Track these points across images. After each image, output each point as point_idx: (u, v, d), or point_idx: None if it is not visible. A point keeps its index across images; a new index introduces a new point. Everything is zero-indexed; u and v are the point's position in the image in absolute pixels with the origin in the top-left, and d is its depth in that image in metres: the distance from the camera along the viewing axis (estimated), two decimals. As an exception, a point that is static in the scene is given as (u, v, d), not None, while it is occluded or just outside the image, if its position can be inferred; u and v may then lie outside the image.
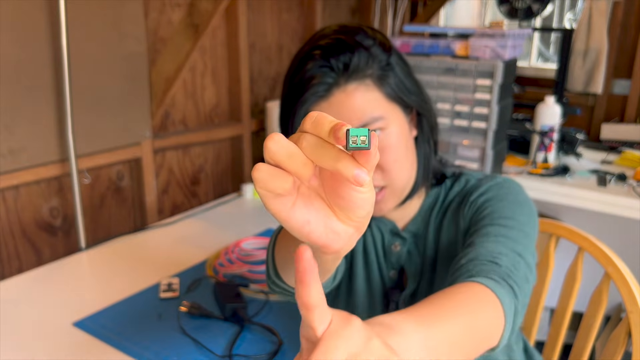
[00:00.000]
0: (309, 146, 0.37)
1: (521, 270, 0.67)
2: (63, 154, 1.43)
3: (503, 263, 0.66)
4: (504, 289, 0.61)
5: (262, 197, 0.39)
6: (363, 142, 0.35)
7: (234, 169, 2.02)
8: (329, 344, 0.35)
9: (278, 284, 0.66)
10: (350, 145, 0.35)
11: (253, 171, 0.38)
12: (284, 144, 0.37)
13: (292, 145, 0.38)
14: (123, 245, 1.45)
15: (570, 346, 1.14)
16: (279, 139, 0.37)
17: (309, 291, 0.35)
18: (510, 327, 0.59)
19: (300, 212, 0.41)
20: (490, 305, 0.58)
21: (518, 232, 0.73)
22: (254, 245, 1.39)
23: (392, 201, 0.81)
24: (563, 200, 1.71)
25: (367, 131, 0.35)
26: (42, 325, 1.07)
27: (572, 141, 1.93)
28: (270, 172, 0.38)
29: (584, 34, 2.38)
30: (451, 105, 1.67)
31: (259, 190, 0.38)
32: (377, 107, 0.75)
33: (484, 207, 0.79)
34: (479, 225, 0.76)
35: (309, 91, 0.73)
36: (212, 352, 0.98)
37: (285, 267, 0.60)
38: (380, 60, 0.76)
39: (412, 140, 0.82)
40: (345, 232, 0.42)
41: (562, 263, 1.21)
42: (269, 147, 0.37)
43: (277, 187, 0.38)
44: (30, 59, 1.33)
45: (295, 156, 0.37)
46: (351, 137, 0.35)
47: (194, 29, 1.70)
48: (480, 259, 0.67)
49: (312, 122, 0.38)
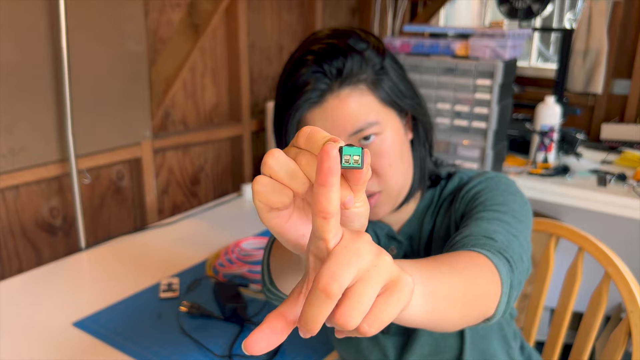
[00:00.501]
0: (307, 165, 0.37)
1: (516, 249, 0.67)
2: (63, 154, 1.43)
3: (498, 239, 0.66)
4: (500, 261, 0.61)
5: (259, 210, 0.39)
6: (356, 161, 0.35)
7: (234, 169, 2.02)
8: (341, 258, 0.34)
9: (273, 291, 0.65)
10: (344, 164, 0.35)
11: (254, 184, 0.38)
12: (283, 161, 0.37)
13: (291, 162, 0.38)
14: (123, 245, 1.45)
15: (570, 346, 1.14)
16: (278, 156, 0.37)
17: (330, 195, 0.34)
18: (506, 298, 0.59)
19: (295, 225, 0.40)
20: (488, 271, 0.58)
21: (511, 217, 0.73)
22: (254, 245, 1.39)
23: (388, 206, 0.80)
24: (563, 200, 1.71)
25: (361, 150, 0.35)
26: (42, 325, 1.07)
27: (572, 141, 1.93)
28: (271, 185, 0.38)
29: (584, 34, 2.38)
30: (451, 105, 1.67)
31: (258, 203, 0.38)
32: (371, 112, 0.74)
33: (475, 198, 0.79)
34: (472, 213, 0.76)
35: (302, 98, 0.73)
36: (212, 352, 0.98)
37: (280, 276, 0.60)
38: (374, 65, 0.75)
39: (407, 143, 0.81)
40: None
41: (562, 263, 1.22)
42: (268, 164, 0.37)
43: (276, 202, 0.38)
44: (30, 60, 1.33)
45: (294, 174, 0.38)
46: (344, 156, 0.35)
47: (194, 29, 1.70)
48: (475, 235, 0.67)
49: (305, 138, 0.38)
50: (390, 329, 0.87)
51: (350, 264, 0.34)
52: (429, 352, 0.85)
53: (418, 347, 0.85)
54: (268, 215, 0.39)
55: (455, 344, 0.84)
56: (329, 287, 0.33)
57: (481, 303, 0.56)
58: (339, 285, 0.33)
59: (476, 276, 0.56)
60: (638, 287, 0.99)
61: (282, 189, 0.38)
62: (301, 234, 0.41)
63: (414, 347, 0.85)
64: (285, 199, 0.38)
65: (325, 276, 0.33)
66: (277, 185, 0.38)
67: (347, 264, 0.34)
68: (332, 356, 1.00)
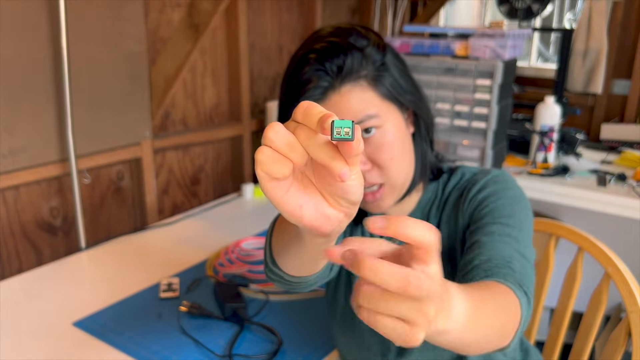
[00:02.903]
0: (304, 138, 0.40)
1: (529, 275, 0.69)
2: (63, 154, 1.43)
3: (516, 268, 0.68)
4: (522, 295, 0.63)
5: (261, 180, 0.41)
6: (347, 133, 0.37)
7: (234, 169, 2.02)
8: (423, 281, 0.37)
9: (274, 270, 0.66)
10: (335, 136, 0.37)
11: (257, 153, 0.40)
12: (283, 134, 0.40)
13: (290, 135, 0.40)
14: (123, 245, 1.45)
15: (570, 346, 1.14)
16: (278, 129, 0.40)
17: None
18: (521, 331, 0.61)
19: (294, 196, 0.43)
20: (515, 309, 0.61)
21: (519, 231, 0.75)
22: (254, 245, 1.39)
23: (391, 198, 0.82)
24: (563, 200, 1.71)
25: (351, 123, 0.37)
26: (42, 325, 1.07)
27: (572, 141, 1.93)
28: (273, 156, 0.40)
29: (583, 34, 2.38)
30: (451, 105, 1.67)
31: (260, 172, 0.40)
32: (371, 106, 0.76)
33: (484, 205, 0.80)
34: (481, 223, 0.77)
35: (305, 95, 0.75)
36: (212, 352, 0.98)
37: (281, 253, 0.61)
38: (374, 61, 0.77)
39: (409, 137, 0.83)
40: (336, 216, 0.44)
41: (562, 263, 1.22)
42: (269, 137, 0.40)
43: (277, 172, 0.40)
44: (30, 59, 1.33)
45: (293, 146, 0.40)
46: (335, 129, 0.37)
47: (194, 29, 1.70)
48: (494, 262, 0.69)
49: (302, 112, 0.40)
50: None
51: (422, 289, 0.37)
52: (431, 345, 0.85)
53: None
54: (269, 184, 0.41)
55: None
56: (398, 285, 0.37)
57: (503, 338, 0.58)
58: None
59: (507, 310, 0.59)
60: (638, 287, 0.99)
61: (283, 160, 0.40)
62: (299, 204, 0.43)
63: None
64: (285, 170, 0.40)
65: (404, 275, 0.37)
66: (278, 156, 0.40)
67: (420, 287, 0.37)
68: (332, 356, 1.01)
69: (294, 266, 0.61)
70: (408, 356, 0.87)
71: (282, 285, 0.69)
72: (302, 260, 0.58)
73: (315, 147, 0.40)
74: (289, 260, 0.60)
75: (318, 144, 0.40)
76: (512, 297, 0.61)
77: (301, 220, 0.43)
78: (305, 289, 0.69)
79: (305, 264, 0.59)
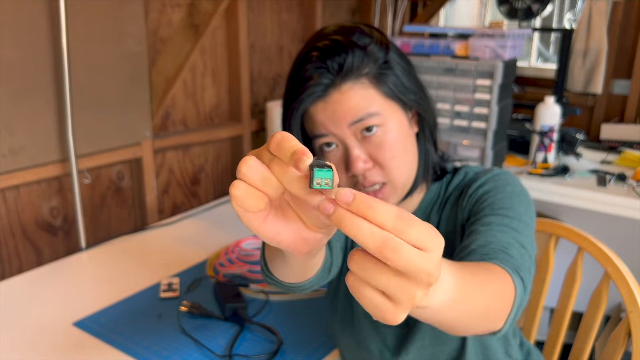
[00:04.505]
0: (279, 172, 0.40)
1: (527, 264, 0.68)
2: (63, 154, 1.43)
3: (513, 254, 0.68)
4: (517, 279, 0.63)
5: (237, 213, 0.41)
6: (327, 184, 0.37)
7: (234, 169, 2.01)
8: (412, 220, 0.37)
9: (269, 276, 0.67)
10: (314, 186, 0.37)
11: (231, 188, 0.40)
12: (256, 168, 0.40)
13: (264, 169, 0.40)
14: (123, 245, 1.45)
15: (570, 346, 1.14)
16: (252, 163, 0.40)
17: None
18: (513, 315, 0.61)
19: (272, 224, 0.43)
20: (508, 289, 0.60)
21: (519, 222, 0.75)
22: (254, 245, 1.39)
23: (393, 198, 0.81)
24: (563, 200, 1.71)
25: (331, 174, 0.37)
26: (42, 325, 1.07)
27: (572, 141, 1.93)
28: (248, 190, 0.40)
29: (583, 34, 2.38)
30: (451, 105, 1.67)
31: (235, 207, 0.40)
32: (372, 104, 0.76)
33: (483, 199, 0.80)
34: (480, 215, 0.77)
35: (306, 91, 0.75)
36: (212, 352, 0.98)
37: (273, 263, 0.62)
38: (377, 59, 0.77)
39: (412, 137, 0.82)
40: (314, 238, 0.44)
41: (562, 263, 1.22)
42: (242, 171, 0.40)
43: (252, 206, 0.40)
44: (30, 59, 1.33)
45: (267, 180, 0.40)
46: (315, 179, 0.37)
47: (194, 29, 1.70)
48: (492, 247, 0.69)
49: (275, 144, 0.39)
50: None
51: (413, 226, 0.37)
52: (430, 343, 0.85)
53: (419, 337, 0.85)
54: (246, 216, 0.41)
55: (457, 337, 0.85)
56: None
57: (495, 318, 0.58)
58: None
59: (500, 294, 0.59)
60: (638, 287, 0.99)
61: (257, 195, 0.40)
62: (277, 231, 0.43)
63: (414, 337, 0.85)
64: (259, 204, 0.40)
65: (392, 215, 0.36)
66: (252, 191, 0.40)
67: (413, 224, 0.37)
68: (332, 356, 1.01)
69: (286, 275, 0.62)
70: (405, 355, 0.87)
71: (280, 288, 0.69)
72: (292, 270, 0.59)
73: (290, 181, 0.39)
74: (281, 269, 0.61)
75: (293, 178, 0.39)
76: (506, 279, 0.61)
77: (279, 245, 0.44)
78: (305, 291, 0.69)
79: (295, 274, 0.60)
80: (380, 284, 0.37)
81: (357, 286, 0.38)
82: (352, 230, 0.36)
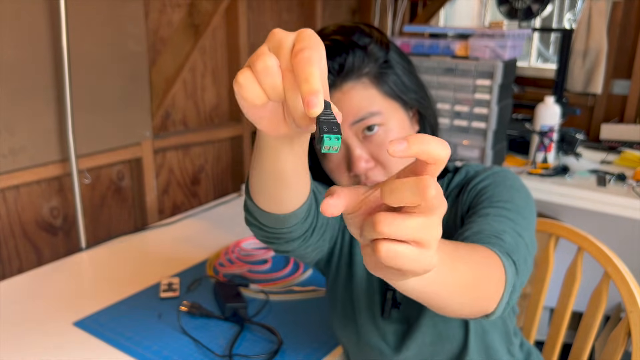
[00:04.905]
0: (289, 90, 0.40)
1: (522, 251, 0.68)
2: (63, 154, 1.43)
3: (507, 240, 0.67)
4: (508, 262, 0.62)
5: (236, 94, 0.41)
6: (335, 149, 0.39)
7: (234, 169, 2.02)
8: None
9: (251, 210, 0.64)
10: (324, 150, 0.38)
11: (239, 74, 0.40)
12: (270, 75, 0.40)
13: (277, 78, 0.40)
14: (123, 245, 1.45)
15: (569, 346, 1.14)
16: (269, 65, 0.39)
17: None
18: (507, 298, 0.60)
19: (260, 110, 0.43)
20: (497, 269, 0.60)
21: (516, 214, 0.75)
22: (254, 245, 1.40)
23: None
24: (563, 200, 1.71)
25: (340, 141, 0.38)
26: (42, 325, 1.07)
27: (572, 141, 1.93)
28: (253, 87, 0.40)
29: (583, 34, 2.38)
30: (451, 106, 1.67)
31: (235, 90, 0.41)
32: (373, 104, 0.76)
33: (482, 193, 0.80)
34: (477, 208, 0.77)
35: None
36: (212, 352, 0.98)
37: (256, 182, 0.59)
38: (377, 59, 0.77)
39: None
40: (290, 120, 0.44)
41: (562, 263, 1.22)
42: (257, 69, 0.40)
43: (252, 99, 0.40)
44: (30, 59, 1.33)
45: (275, 89, 0.40)
46: (325, 145, 0.38)
47: (194, 29, 1.70)
48: (485, 234, 0.68)
49: (296, 59, 0.39)
50: (392, 314, 0.87)
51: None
52: (431, 342, 0.85)
53: (419, 334, 0.85)
54: (240, 102, 0.42)
55: (458, 335, 0.84)
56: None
57: (485, 297, 0.57)
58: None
59: (488, 271, 0.58)
60: (638, 287, 0.99)
61: (261, 93, 0.40)
62: (261, 116, 0.43)
63: (415, 335, 0.85)
64: (258, 101, 0.40)
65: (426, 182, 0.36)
66: (257, 88, 0.40)
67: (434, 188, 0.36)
68: (332, 356, 1.01)
69: (266, 193, 0.58)
70: (406, 351, 0.87)
71: (259, 235, 0.68)
72: (275, 177, 0.54)
73: (295, 105, 0.40)
74: (261, 184, 0.57)
75: (299, 103, 0.39)
76: (494, 258, 0.60)
77: (277, 135, 0.45)
78: (285, 239, 0.67)
79: (277, 185, 0.56)
80: (412, 230, 0.37)
81: (391, 249, 0.37)
82: (389, 192, 0.37)
